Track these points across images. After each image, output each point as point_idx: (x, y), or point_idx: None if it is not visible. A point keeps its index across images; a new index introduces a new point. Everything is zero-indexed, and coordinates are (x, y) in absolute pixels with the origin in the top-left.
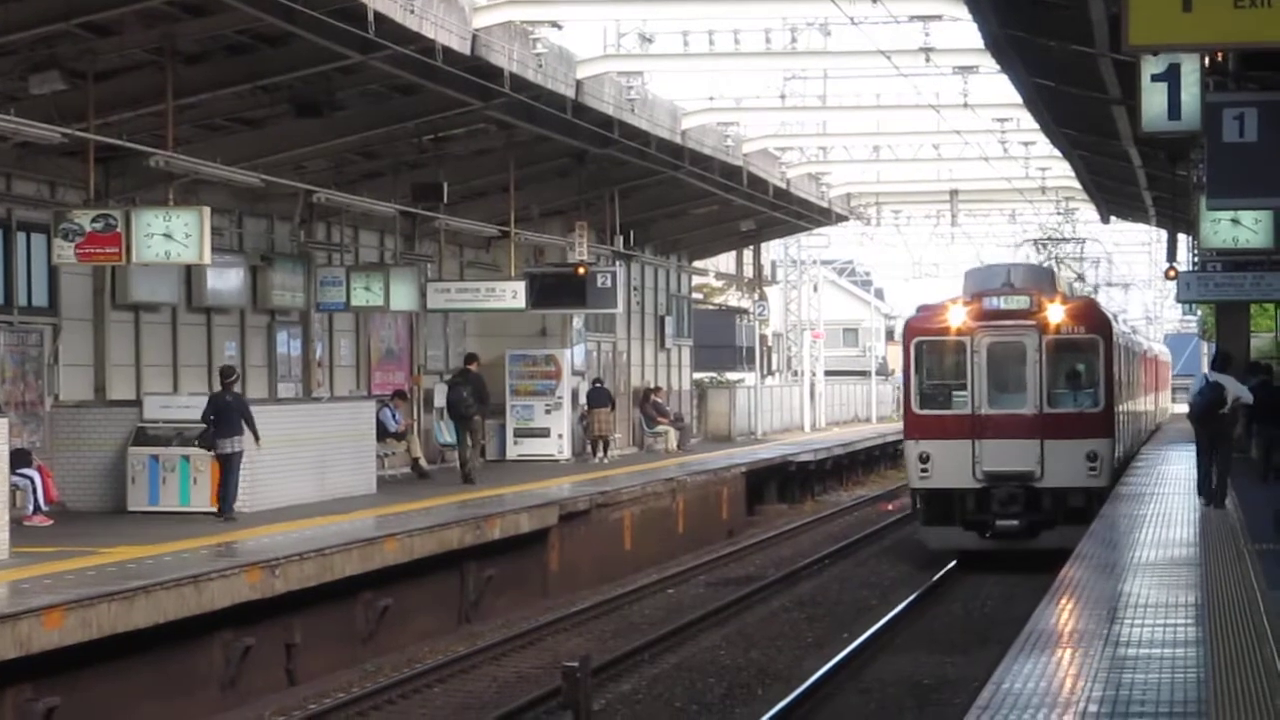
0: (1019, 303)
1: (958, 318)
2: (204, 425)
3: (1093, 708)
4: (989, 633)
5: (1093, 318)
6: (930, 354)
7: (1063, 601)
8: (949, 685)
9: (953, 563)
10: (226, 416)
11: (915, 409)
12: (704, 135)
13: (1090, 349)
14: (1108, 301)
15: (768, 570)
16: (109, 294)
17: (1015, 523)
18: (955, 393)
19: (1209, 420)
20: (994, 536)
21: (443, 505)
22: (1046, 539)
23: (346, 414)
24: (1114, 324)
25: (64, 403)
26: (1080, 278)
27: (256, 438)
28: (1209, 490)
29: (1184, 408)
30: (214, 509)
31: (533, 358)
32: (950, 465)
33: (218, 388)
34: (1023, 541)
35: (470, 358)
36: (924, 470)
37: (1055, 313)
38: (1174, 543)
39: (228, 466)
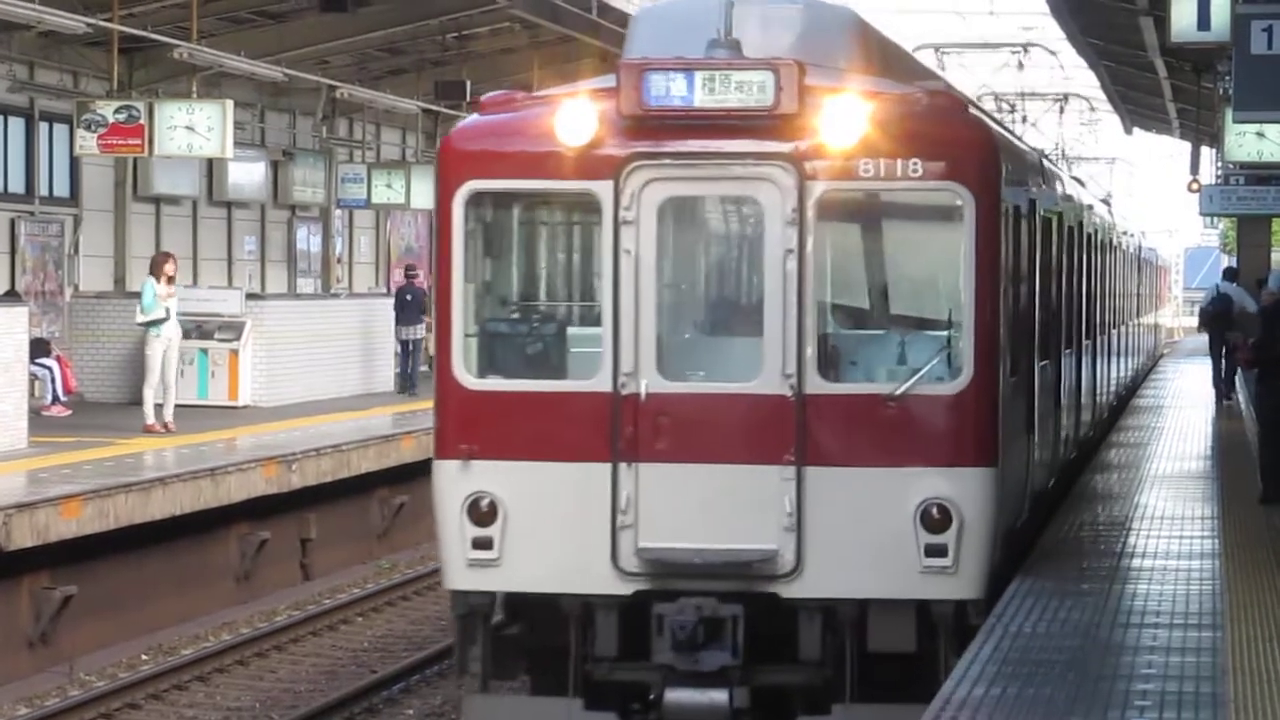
0: (747, 88)
1: (580, 129)
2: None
3: (1109, 617)
4: None
5: (948, 137)
6: (510, 231)
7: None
8: None
9: None
10: (408, 308)
11: (462, 376)
12: None
13: (939, 216)
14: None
15: None
16: (130, 185)
17: (720, 695)
18: (572, 334)
19: (1216, 325)
20: None
21: None
22: None
23: (366, 311)
24: (1002, 157)
25: (83, 293)
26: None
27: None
28: (1220, 385)
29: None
30: (232, 402)
31: None
32: (554, 533)
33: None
34: None
35: None
36: (481, 544)
37: (846, 118)
38: (1189, 455)
39: (408, 350)
